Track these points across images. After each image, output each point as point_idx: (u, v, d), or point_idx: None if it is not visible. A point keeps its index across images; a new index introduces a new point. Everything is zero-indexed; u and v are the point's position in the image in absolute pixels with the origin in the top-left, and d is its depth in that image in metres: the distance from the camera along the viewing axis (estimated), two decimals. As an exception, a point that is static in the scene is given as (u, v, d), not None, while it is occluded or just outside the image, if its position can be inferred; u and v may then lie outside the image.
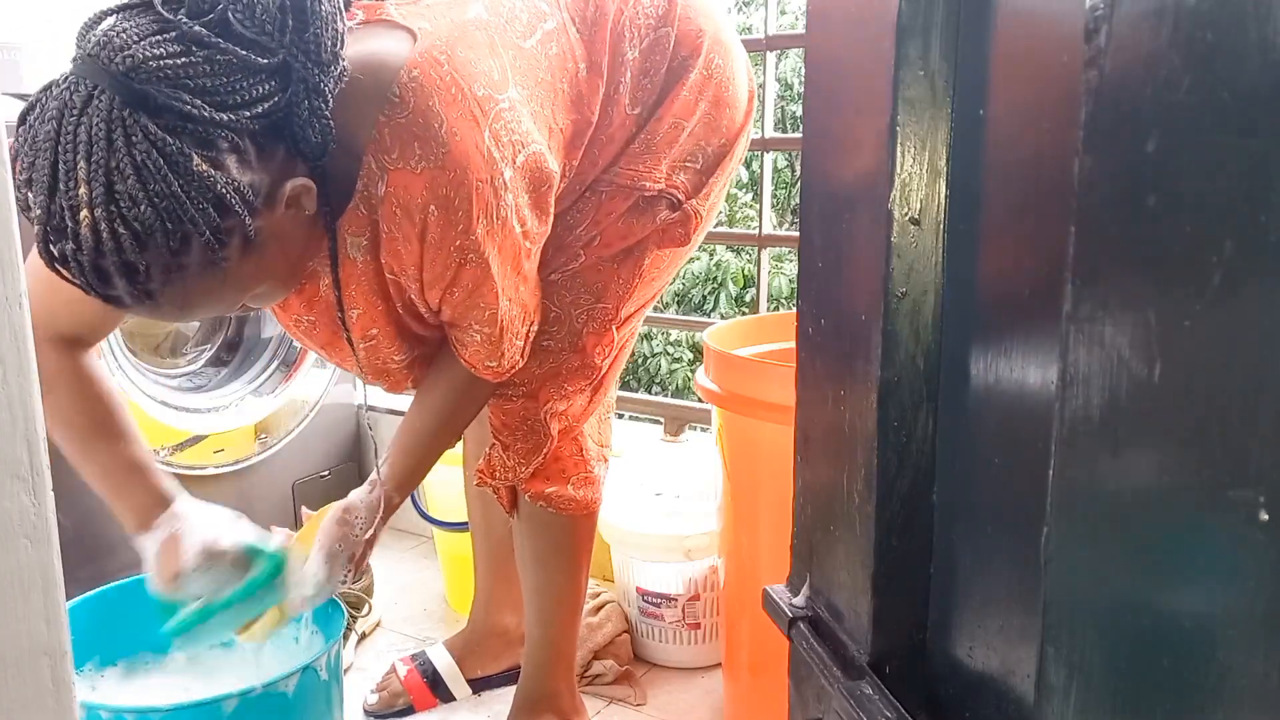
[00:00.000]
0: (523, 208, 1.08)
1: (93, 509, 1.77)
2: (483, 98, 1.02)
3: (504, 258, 1.09)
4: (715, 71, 1.27)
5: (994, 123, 0.56)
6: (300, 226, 1.01)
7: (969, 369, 0.59)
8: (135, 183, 0.85)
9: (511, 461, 1.34)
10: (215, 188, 0.88)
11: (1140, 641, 0.40)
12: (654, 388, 6.96)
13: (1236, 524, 0.35)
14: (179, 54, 0.87)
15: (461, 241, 1.04)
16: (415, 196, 1.01)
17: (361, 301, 1.14)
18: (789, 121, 8.31)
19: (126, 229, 0.85)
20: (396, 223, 1.03)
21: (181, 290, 0.91)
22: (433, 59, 1.01)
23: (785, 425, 0.79)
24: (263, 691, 1.09)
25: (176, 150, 0.86)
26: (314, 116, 0.95)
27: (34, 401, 0.45)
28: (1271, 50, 0.33)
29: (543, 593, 1.45)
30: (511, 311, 1.15)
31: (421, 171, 1.00)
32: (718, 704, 1.66)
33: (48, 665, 0.46)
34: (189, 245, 0.88)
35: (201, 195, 0.87)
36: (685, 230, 1.30)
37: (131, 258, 0.87)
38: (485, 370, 1.20)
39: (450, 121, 0.99)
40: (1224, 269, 0.35)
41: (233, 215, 0.90)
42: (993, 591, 0.58)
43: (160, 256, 0.88)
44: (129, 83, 0.85)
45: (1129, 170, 0.38)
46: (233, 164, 0.90)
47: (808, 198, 0.72)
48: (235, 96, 0.89)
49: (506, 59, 1.07)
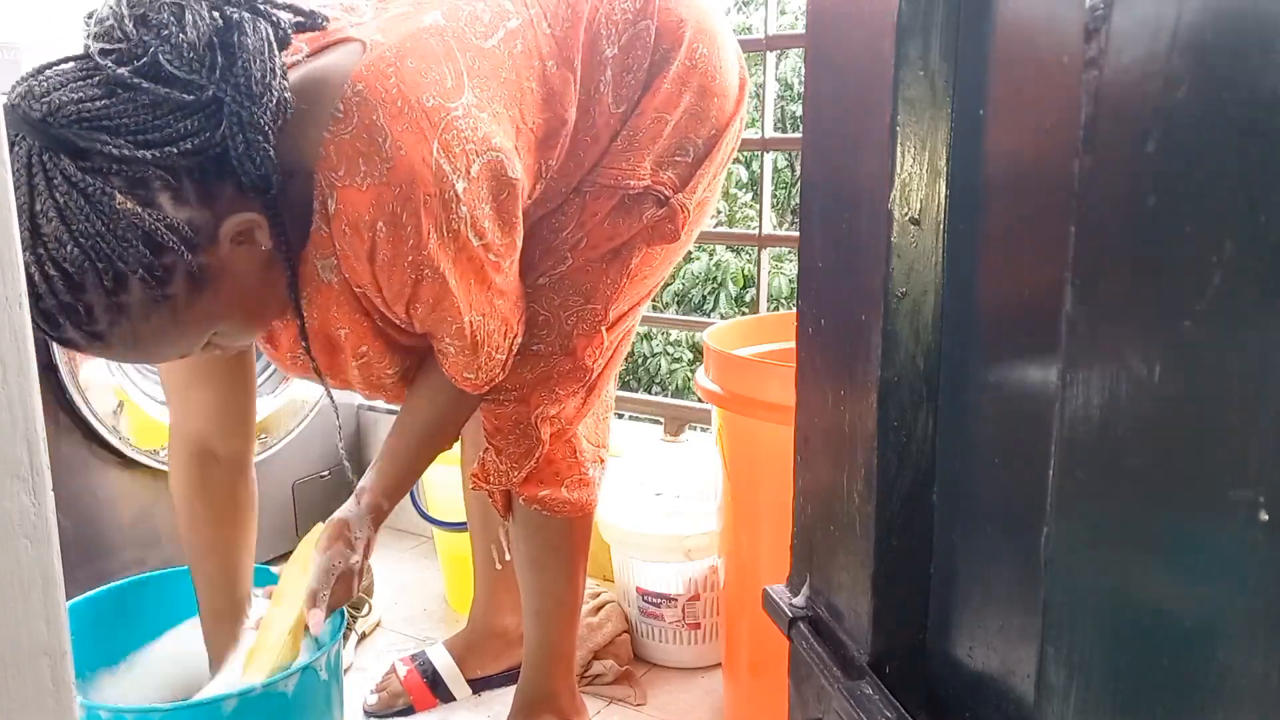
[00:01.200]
0: (480, 220, 1.06)
1: (93, 509, 1.78)
2: (432, 108, 1.00)
3: (461, 272, 1.07)
4: (700, 61, 1.24)
5: (994, 123, 0.56)
6: (255, 262, 1.00)
7: (969, 369, 0.59)
8: (59, 224, 0.86)
9: (504, 466, 1.34)
10: (144, 225, 0.89)
11: (1140, 641, 0.40)
12: (654, 388, 6.97)
13: (1236, 524, 0.35)
14: (99, 97, 0.89)
15: (414, 257, 1.03)
16: (363, 214, 1.00)
17: (346, 321, 1.13)
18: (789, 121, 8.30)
19: (56, 270, 0.87)
20: (347, 240, 1.02)
21: (130, 330, 0.92)
22: (379, 71, 1.00)
23: (785, 425, 0.79)
24: (263, 691, 1.09)
25: (98, 190, 0.87)
26: (250, 149, 0.95)
27: (34, 401, 0.45)
28: (1271, 50, 0.33)
29: (540, 595, 1.45)
30: (487, 326, 1.14)
31: (367, 188, 0.99)
32: (718, 704, 1.66)
33: (48, 665, 0.46)
34: (125, 283, 0.90)
35: (129, 232, 0.89)
36: (674, 226, 1.28)
37: (68, 299, 0.88)
38: (464, 382, 1.20)
39: (395, 135, 0.98)
40: (1224, 269, 0.35)
41: (169, 252, 0.91)
42: (993, 591, 0.58)
43: (98, 296, 0.89)
44: (46, 128, 0.87)
45: (1129, 170, 0.38)
46: (165, 201, 0.91)
47: (808, 198, 0.72)
48: (158, 134, 0.90)
49: (464, 62, 1.05)
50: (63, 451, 1.69)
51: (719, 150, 1.30)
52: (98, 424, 1.71)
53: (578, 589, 1.47)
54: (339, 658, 1.24)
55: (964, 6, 0.57)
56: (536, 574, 1.44)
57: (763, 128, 2.05)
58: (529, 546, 1.42)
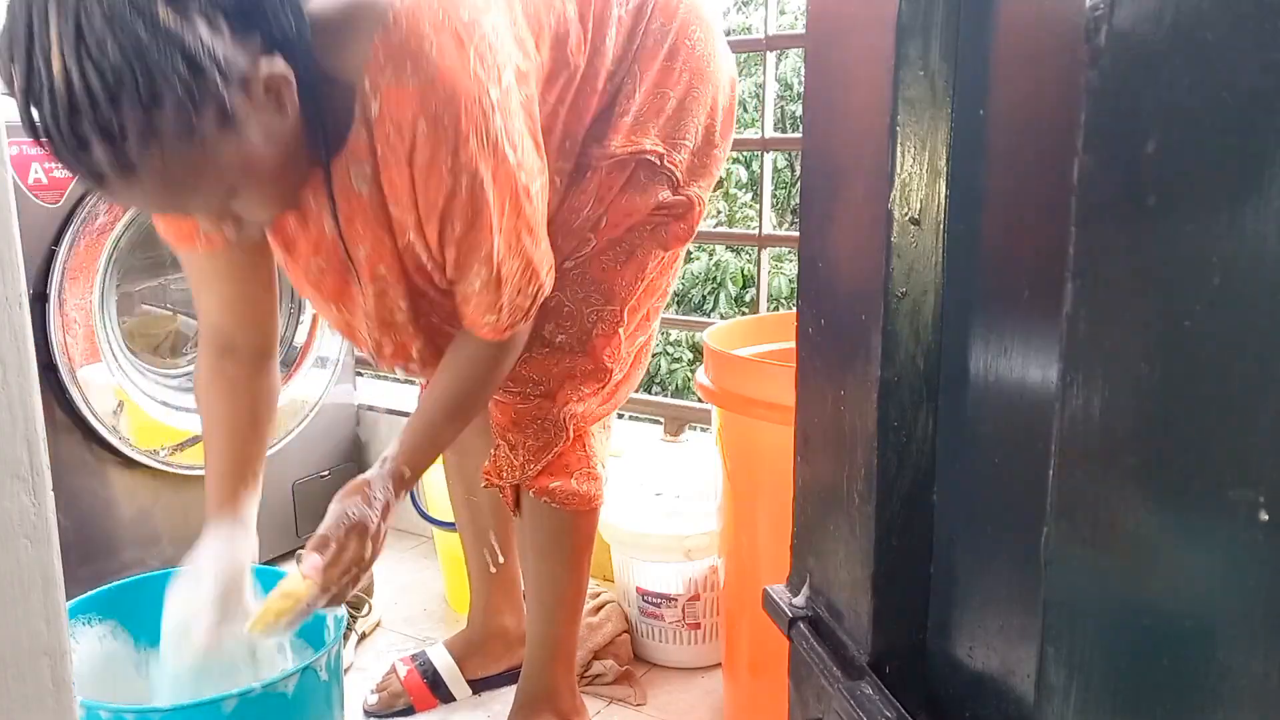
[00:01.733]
0: (514, 133, 1.08)
1: (93, 509, 1.78)
2: (468, 21, 1.04)
3: (500, 189, 1.08)
4: (697, 44, 1.29)
5: (994, 123, 0.56)
6: (283, 128, 1.01)
7: (969, 369, 0.59)
8: (103, 25, 0.85)
9: (520, 460, 1.35)
10: (184, 41, 0.89)
11: (1140, 641, 0.40)
12: (654, 388, 6.96)
13: (1236, 524, 0.35)
14: None
15: (451, 161, 1.04)
16: (406, 112, 1.03)
17: (369, 236, 1.13)
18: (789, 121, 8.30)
19: (97, 76, 0.86)
20: (390, 144, 1.05)
21: (158, 161, 0.91)
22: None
23: (785, 425, 0.79)
24: (262, 691, 1.09)
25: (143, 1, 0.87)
26: (284, 2, 0.97)
27: (34, 401, 0.45)
28: (1271, 50, 0.33)
29: (545, 589, 1.46)
30: (511, 263, 1.14)
31: (413, 88, 1.02)
32: (718, 704, 1.66)
33: (48, 665, 0.46)
34: (160, 101, 0.88)
35: (170, 45, 0.88)
36: (688, 224, 1.32)
37: (105, 112, 0.87)
38: (485, 328, 1.18)
39: (440, 42, 1.02)
40: (1224, 269, 0.35)
41: (204, 75, 0.90)
42: (993, 591, 0.58)
43: (133, 112, 0.88)
44: None
45: (1129, 170, 0.38)
46: (202, 27, 0.90)
47: (808, 198, 0.72)
48: None
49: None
50: (63, 451, 1.69)
51: (719, 148, 1.34)
52: (98, 424, 1.71)
53: (581, 586, 1.48)
54: (339, 658, 1.24)
55: (964, 6, 0.57)
56: (542, 566, 1.45)
57: (763, 128, 2.05)
58: (536, 537, 1.43)
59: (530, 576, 1.47)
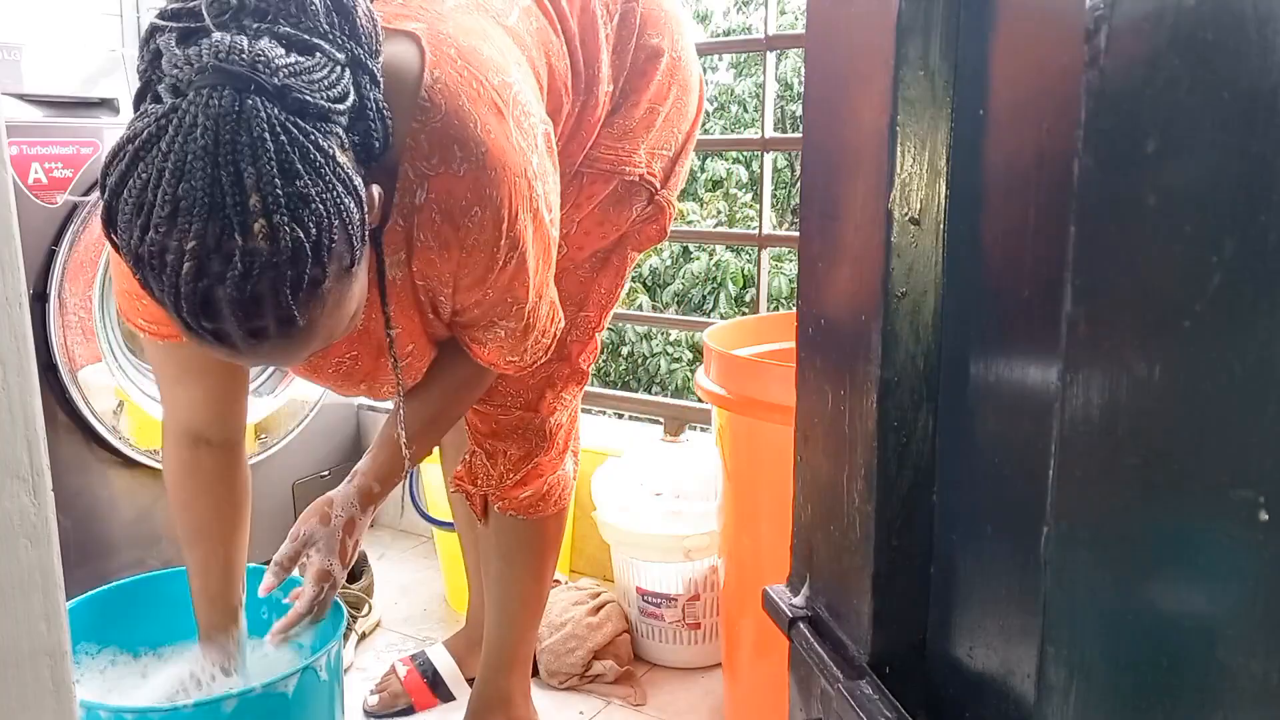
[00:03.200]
0: (549, 194, 1.06)
1: (93, 509, 1.77)
2: (499, 86, 0.99)
3: (538, 250, 1.07)
4: (684, 55, 1.29)
5: (994, 123, 0.56)
6: None
7: (969, 369, 0.59)
8: (305, 182, 0.80)
9: (498, 470, 1.34)
10: (352, 179, 0.84)
11: (1140, 641, 0.40)
12: (654, 388, 6.96)
13: (1236, 524, 0.35)
14: (285, 54, 0.82)
15: (505, 240, 1.01)
16: (459, 199, 0.98)
17: (401, 319, 1.10)
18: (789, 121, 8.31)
19: (302, 231, 0.80)
20: (435, 230, 0.99)
21: (320, 307, 0.85)
22: (445, 55, 0.98)
23: (785, 425, 0.79)
24: (262, 692, 1.09)
25: (326, 145, 0.82)
26: (379, 109, 0.91)
27: (34, 402, 0.45)
28: (1271, 50, 0.33)
29: (506, 594, 1.44)
30: (541, 308, 1.12)
31: (465, 174, 0.97)
32: (718, 704, 1.66)
33: (48, 665, 0.46)
34: (341, 248, 0.84)
35: (346, 189, 0.83)
36: (659, 225, 1.31)
37: (300, 268, 0.81)
38: (507, 366, 1.17)
39: (482, 119, 0.97)
40: (1224, 269, 0.35)
41: (361, 209, 0.86)
42: (993, 591, 0.58)
43: (321, 264, 0.82)
44: (272, 81, 0.80)
45: (1129, 170, 0.38)
46: (348, 160, 0.86)
47: (808, 198, 0.72)
48: (332, 90, 0.84)
49: (499, 40, 1.05)
50: (63, 451, 1.69)
51: (690, 146, 1.34)
52: (98, 424, 1.71)
53: (543, 593, 1.47)
54: (339, 658, 1.24)
55: (964, 6, 0.57)
56: (506, 571, 1.43)
57: (763, 128, 2.05)
58: (501, 543, 1.42)
59: (492, 580, 1.45)
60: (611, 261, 1.30)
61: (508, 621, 1.45)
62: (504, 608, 1.45)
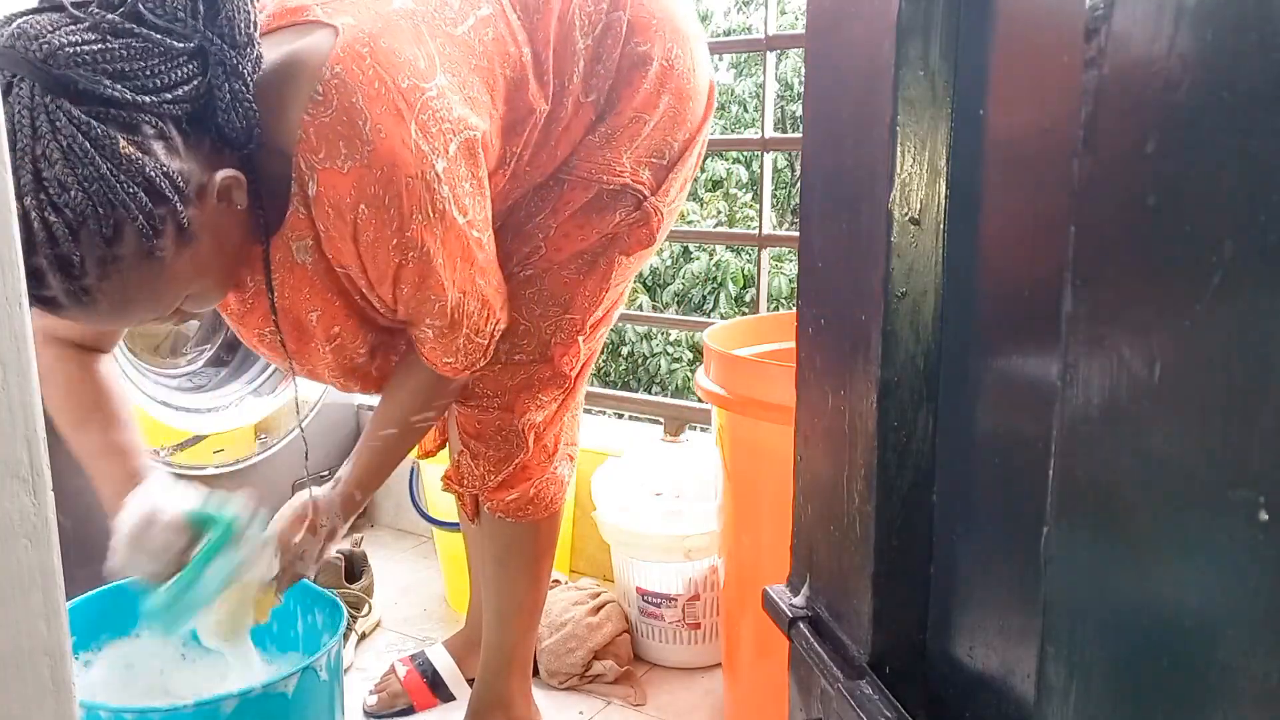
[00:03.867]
0: (462, 197, 1.06)
1: (93, 509, 1.77)
2: (408, 89, 1.00)
3: (449, 250, 1.07)
4: (675, 62, 1.24)
5: (994, 123, 0.56)
6: (233, 222, 1.00)
7: (969, 369, 0.59)
8: (63, 168, 0.84)
9: (480, 470, 1.33)
10: (144, 171, 0.88)
11: (1140, 641, 0.40)
12: (654, 388, 6.97)
13: (1236, 524, 0.35)
14: (94, 41, 0.86)
15: (398, 240, 1.03)
16: (344, 196, 1.00)
17: (319, 302, 1.13)
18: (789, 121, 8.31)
19: (58, 216, 0.84)
20: (330, 222, 1.03)
21: (119, 285, 0.90)
22: (355, 53, 0.99)
23: (785, 425, 0.79)
24: (262, 692, 1.09)
25: (102, 134, 0.85)
26: (236, 100, 0.95)
27: (34, 402, 0.45)
28: (1271, 50, 0.33)
29: (502, 596, 1.44)
30: (466, 305, 1.13)
31: (349, 171, 0.99)
32: (718, 704, 1.66)
33: (48, 665, 0.46)
34: (122, 233, 0.87)
35: (131, 179, 0.87)
36: (648, 230, 1.28)
37: (65, 249, 0.85)
38: (444, 367, 1.18)
39: (375, 118, 0.98)
40: (1224, 269, 0.35)
41: (165, 202, 0.90)
42: (993, 591, 0.58)
43: (94, 247, 0.86)
44: (48, 69, 0.84)
45: (1129, 170, 0.38)
46: (160, 150, 0.89)
47: (808, 198, 0.72)
48: (155, 80, 0.88)
49: (434, 46, 1.05)
50: (63, 451, 1.69)
51: (691, 153, 1.31)
52: (98, 424, 1.70)
53: (540, 594, 1.46)
54: (339, 658, 1.24)
55: (964, 6, 0.57)
56: (500, 573, 1.43)
57: (763, 128, 2.05)
58: (494, 545, 1.41)
59: (487, 583, 1.45)
60: (599, 264, 1.28)
61: (504, 624, 1.45)
62: (500, 611, 1.45)
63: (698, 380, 1.43)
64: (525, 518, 1.38)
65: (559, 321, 1.29)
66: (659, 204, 1.28)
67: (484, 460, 1.33)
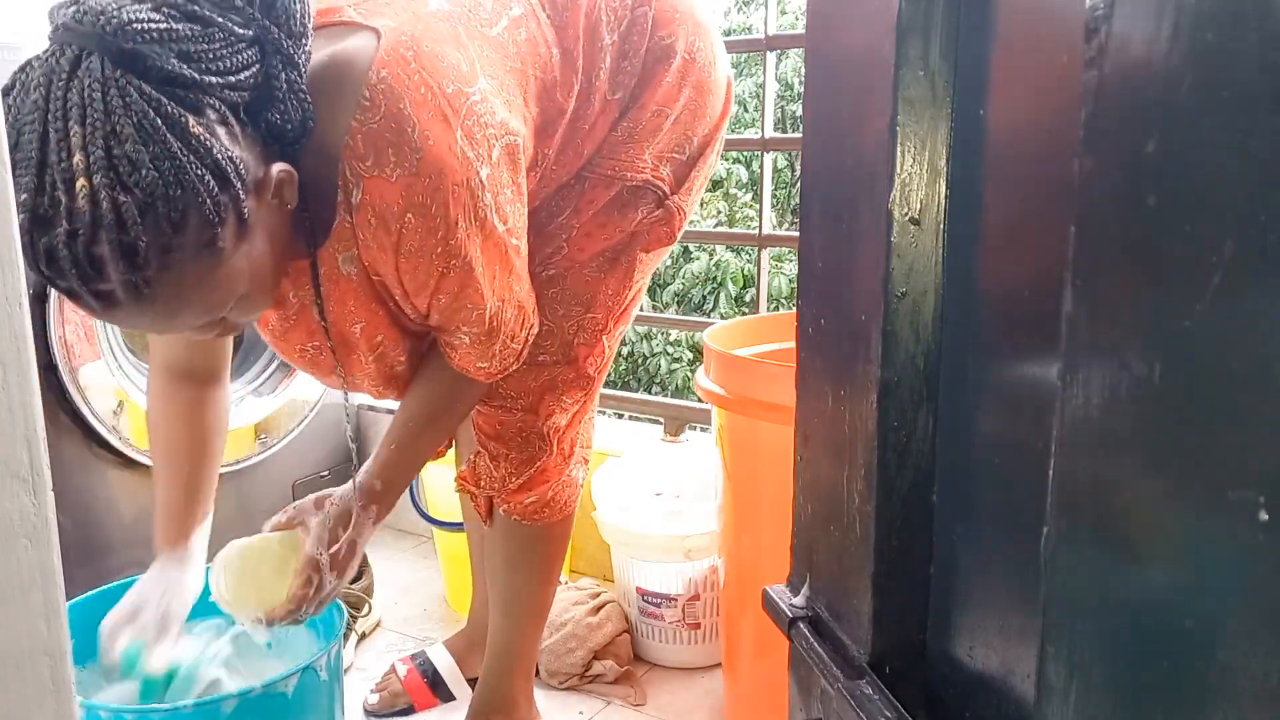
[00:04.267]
0: (504, 205, 1.05)
1: (93, 509, 1.77)
2: (452, 94, 0.99)
3: (489, 258, 1.06)
4: (697, 54, 1.24)
5: (994, 123, 0.56)
6: (284, 222, 0.98)
7: (969, 369, 0.59)
8: (135, 145, 0.80)
9: (500, 472, 1.33)
10: (213, 153, 0.85)
11: (1140, 641, 0.40)
12: (654, 388, 6.97)
13: (1236, 524, 0.35)
14: (160, 20, 0.84)
15: (442, 249, 1.01)
16: (391, 205, 0.98)
17: (364, 314, 1.11)
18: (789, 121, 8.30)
19: (128, 196, 0.81)
20: (372, 231, 1.00)
21: (178, 279, 0.86)
22: (400, 57, 0.98)
23: (785, 425, 0.79)
24: (262, 691, 1.09)
25: (174, 112, 0.82)
26: (292, 91, 0.92)
27: (34, 402, 0.45)
28: (1271, 50, 0.33)
29: (511, 598, 1.43)
30: (505, 313, 1.12)
31: (397, 179, 0.97)
32: (718, 704, 1.66)
33: (48, 665, 0.46)
34: (188, 219, 0.84)
35: (200, 161, 0.84)
36: (670, 228, 1.28)
37: (132, 234, 0.81)
38: (477, 372, 1.18)
39: (423, 124, 0.96)
40: (1224, 269, 0.35)
41: (229, 187, 0.86)
42: (993, 591, 0.58)
43: (160, 233, 0.83)
44: (118, 43, 0.81)
45: (1129, 170, 0.38)
46: (223, 135, 0.87)
47: (808, 198, 0.72)
48: (219, 64, 0.86)
49: (474, 49, 1.04)
50: (63, 451, 1.69)
51: (711, 149, 1.30)
52: (98, 424, 1.71)
53: (548, 597, 1.46)
54: (339, 658, 1.24)
55: (964, 6, 0.57)
56: (510, 574, 1.42)
57: (763, 128, 2.05)
58: (506, 547, 1.41)
59: (496, 583, 1.44)
60: (620, 261, 1.28)
61: (512, 626, 1.44)
62: (508, 612, 1.44)
63: (698, 380, 1.43)
64: (540, 520, 1.37)
65: (581, 321, 1.28)
66: (681, 202, 1.28)
67: (505, 462, 1.32)
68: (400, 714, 1.63)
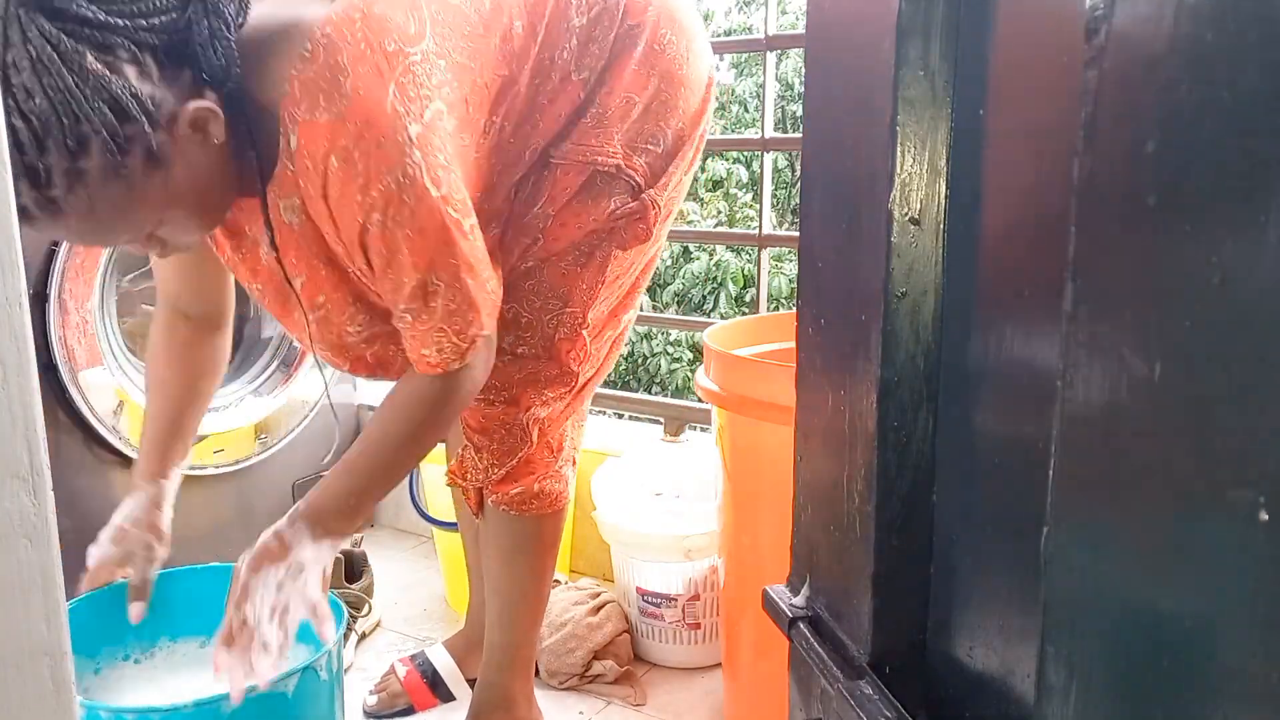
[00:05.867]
0: (435, 168, 1.04)
1: (93, 509, 1.77)
2: (392, 52, 1.02)
3: (421, 225, 1.04)
4: (667, 46, 1.26)
5: (994, 122, 0.56)
6: (209, 156, 1.02)
7: (969, 369, 0.59)
8: (30, 75, 0.88)
9: (484, 463, 1.34)
10: (110, 88, 0.91)
11: (1140, 641, 0.40)
12: (654, 388, 6.97)
13: (1236, 524, 0.35)
14: None
15: (361, 197, 1.02)
16: (318, 146, 1.02)
17: (304, 268, 1.14)
18: (789, 121, 8.31)
19: (23, 122, 0.88)
20: (307, 177, 1.04)
21: (86, 200, 0.94)
22: (347, 17, 1.02)
23: (785, 425, 0.79)
24: (262, 691, 1.09)
25: (71, 48, 0.89)
26: (214, 38, 0.98)
27: (34, 401, 0.45)
28: (1271, 50, 0.33)
29: (506, 593, 1.43)
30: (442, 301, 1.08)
31: (324, 122, 1.01)
32: (718, 704, 1.66)
33: (48, 665, 0.46)
34: (88, 147, 0.91)
35: (96, 94, 0.90)
36: (645, 225, 1.28)
37: (31, 156, 0.89)
38: (421, 361, 1.13)
39: (355, 75, 1.01)
40: (1224, 269, 0.35)
41: (131, 121, 0.93)
42: (993, 591, 0.58)
43: (59, 157, 0.90)
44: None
45: (1129, 170, 0.38)
46: (131, 73, 0.93)
47: (808, 198, 0.72)
48: (132, 7, 0.92)
49: (428, 12, 1.07)
50: (63, 451, 1.69)
51: (688, 146, 1.31)
52: (98, 424, 1.71)
53: (543, 592, 1.46)
54: (339, 658, 1.24)
55: (964, 6, 0.57)
56: (504, 569, 1.42)
57: (763, 128, 2.05)
58: (499, 541, 1.41)
59: (492, 580, 1.44)
60: (595, 257, 1.29)
61: (508, 622, 1.45)
62: (504, 608, 1.44)
63: (698, 380, 1.43)
64: (530, 512, 1.38)
65: (560, 315, 1.29)
66: (656, 197, 1.28)
67: (487, 454, 1.33)
68: (400, 714, 1.63)
